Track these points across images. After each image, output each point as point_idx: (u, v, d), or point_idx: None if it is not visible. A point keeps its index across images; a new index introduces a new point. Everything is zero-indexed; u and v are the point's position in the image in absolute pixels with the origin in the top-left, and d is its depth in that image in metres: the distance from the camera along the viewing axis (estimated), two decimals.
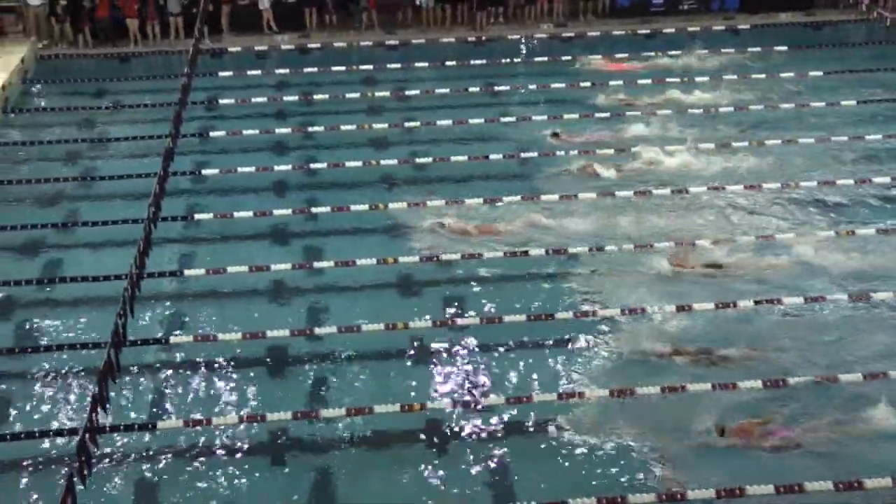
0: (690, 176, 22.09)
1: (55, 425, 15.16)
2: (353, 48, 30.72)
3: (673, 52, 29.39)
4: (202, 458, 14.65)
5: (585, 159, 22.91)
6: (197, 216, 20.81)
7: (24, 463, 14.53)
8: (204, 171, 22.84)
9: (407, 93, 26.99)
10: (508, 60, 29.46)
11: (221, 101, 26.74)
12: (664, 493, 13.44)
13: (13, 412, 15.64)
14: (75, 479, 12.46)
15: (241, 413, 15.30)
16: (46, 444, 14.84)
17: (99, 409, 13.95)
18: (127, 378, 15.96)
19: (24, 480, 14.24)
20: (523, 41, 31.55)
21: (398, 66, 28.88)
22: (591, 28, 32.18)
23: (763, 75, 27.48)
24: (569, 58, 29.45)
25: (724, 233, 19.85)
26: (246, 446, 14.85)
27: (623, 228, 20.10)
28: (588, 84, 27.29)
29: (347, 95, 26.77)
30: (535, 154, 23.27)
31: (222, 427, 15.09)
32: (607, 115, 25.43)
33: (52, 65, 30.07)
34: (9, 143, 24.82)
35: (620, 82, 27.32)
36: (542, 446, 14.73)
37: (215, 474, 14.36)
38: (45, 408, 15.70)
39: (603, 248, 19.15)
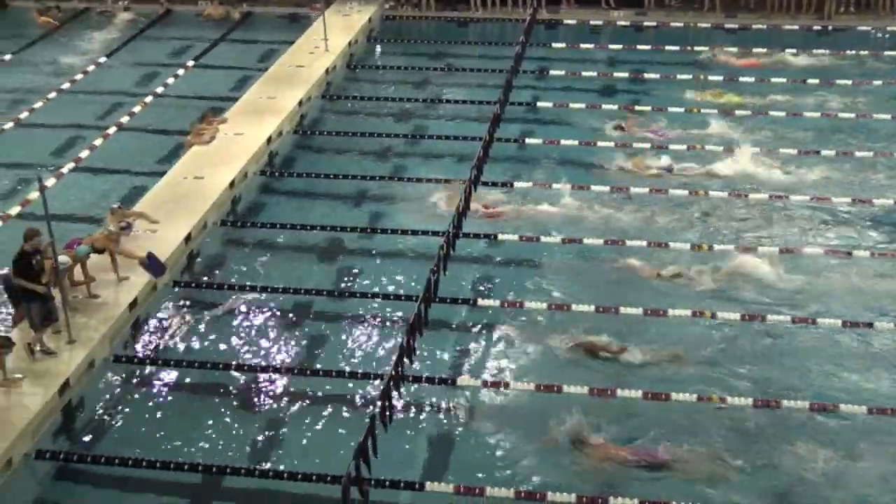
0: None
1: (363, 369, 15.92)
2: (690, 29, 30.04)
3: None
4: (494, 418, 14.96)
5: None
6: (517, 184, 21.12)
7: (331, 400, 15.39)
8: (528, 140, 23.11)
9: (741, 80, 26.08)
10: (854, 53, 27.77)
11: (551, 73, 26.93)
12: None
13: (326, 351, 16.56)
14: (377, 421, 12.98)
15: (537, 382, 15.45)
16: (353, 385, 15.63)
17: (405, 359, 14.46)
18: (433, 333, 16.46)
19: (329, 416, 15.07)
20: (874, 34, 29.67)
21: (734, 50, 27.95)
22: None
23: None
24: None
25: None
26: (536, 416, 14.97)
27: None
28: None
29: (678, 77, 26.24)
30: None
31: (517, 391, 15.33)
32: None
33: (396, 25, 31.32)
34: (349, 98, 26.17)
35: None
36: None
37: (503, 437, 14.62)
38: (355, 351, 16.53)
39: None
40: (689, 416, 14.80)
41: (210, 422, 15.02)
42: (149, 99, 25.62)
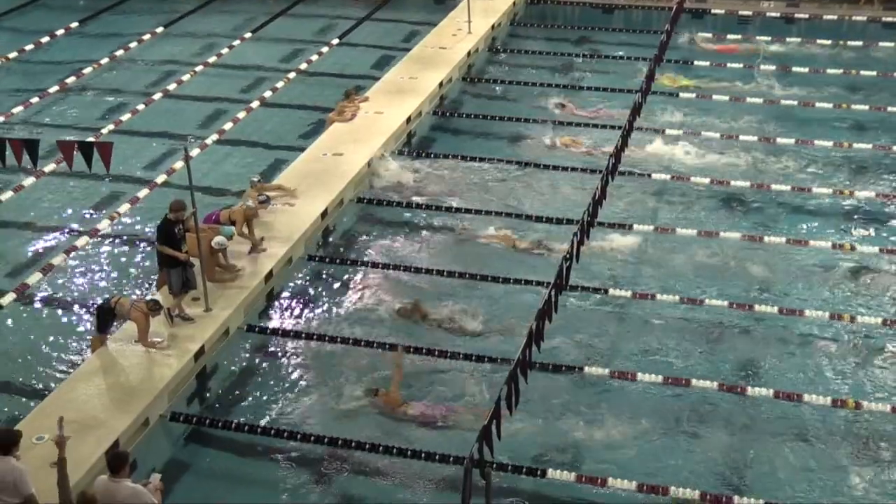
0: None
1: (488, 353, 15.87)
2: (844, 22, 28.99)
3: None
4: (618, 410, 14.82)
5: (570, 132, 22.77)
6: (654, 175, 20.82)
7: (458, 381, 15.46)
8: (668, 132, 22.71)
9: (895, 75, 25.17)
10: None
11: (696, 63, 26.38)
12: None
13: (454, 332, 16.59)
14: (503, 405, 12.95)
15: (665, 374, 15.24)
16: (479, 367, 15.65)
17: (533, 346, 14.37)
18: (561, 321, 16.30)
19: (455, 397, 15.12)
20: None
21: (891, 45, 26.95)
22: None
23: None
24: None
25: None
26: (662, 408, 14.86)
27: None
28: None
29: (828, 71, 25.41)
30: None
31: (644, 383, 15.16)
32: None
33: (540, 9, 31.08)
34: (490, 81, 26.14)
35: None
36: None
37: (627, 426, 14.50)
38: (483, 333, 16.53)
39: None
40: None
41: (336, 395, 15.24)
42: (292, 75, 26.07)
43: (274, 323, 16.92)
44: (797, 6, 30.04)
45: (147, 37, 28.79)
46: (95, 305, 15.88)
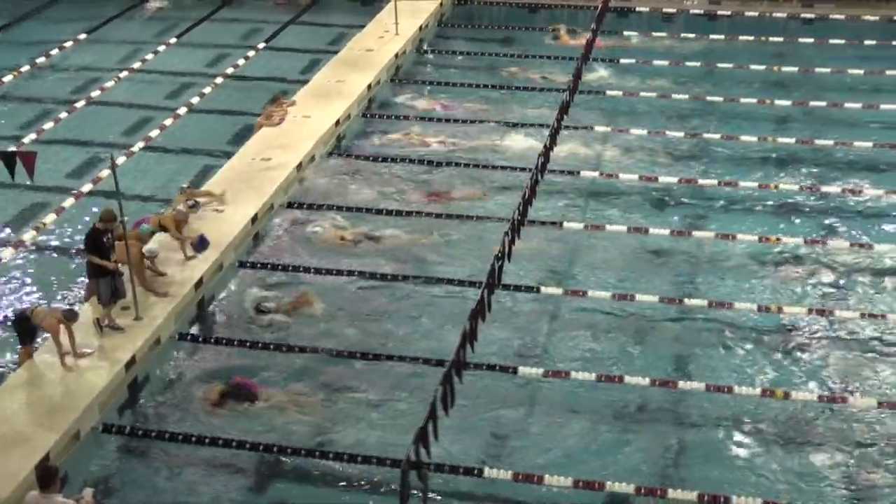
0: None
1: (423, 354, 15.87)
2: (765, 19, 29.47)
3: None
4: (553, 409, 14.95)
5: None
6: (583, 172, 20.97)
7: (390, 383, 15.46)
8: (596, 128, 22.90)
9: (816, 70, 25.62)
10: None
11: (622, 61, 26.62)
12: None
13: (389, 335, 16.60)
14: (438, 405, 12.94)
15: (598, 372, 15.36)
16: (416, 369, 15.65)
17: (467, 346, 14.38)
18: (496, 320, 16.34)
19: (390, 400, 15.14)
20: None
21: (810, 41, 27.47)
22: None
23: None
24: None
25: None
26: (598, 406, 14.95)
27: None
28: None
29: (751, 67, 25.82)
30: None
31: (578, 381, 15.24)
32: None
33: (467, 10, 31.10)
34: (418, 82, 26.12)
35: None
36: None
37: (561, 423, 14.62)
38: (417, 337, 16.56)
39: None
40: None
41: (272, 401, 15.12)
42: (219, 80, 25.84)
43: (205, 331, 16.74)
44: (719, 3, 30.46)
45: (69, 43, 28.32)
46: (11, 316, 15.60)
